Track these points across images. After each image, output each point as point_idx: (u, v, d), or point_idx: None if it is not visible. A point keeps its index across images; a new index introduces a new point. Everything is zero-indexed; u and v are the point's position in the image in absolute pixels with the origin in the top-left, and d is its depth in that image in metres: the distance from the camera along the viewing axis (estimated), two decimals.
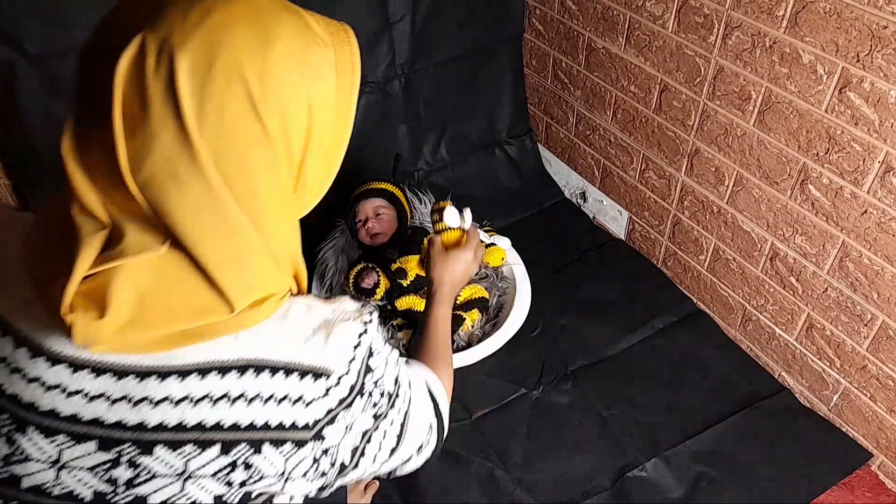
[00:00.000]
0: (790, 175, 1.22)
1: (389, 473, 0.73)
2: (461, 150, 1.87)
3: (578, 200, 1.87)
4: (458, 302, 1.44)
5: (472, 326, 1.43)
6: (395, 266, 1.42)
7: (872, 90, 1.04)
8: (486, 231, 1.54)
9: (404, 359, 0.72)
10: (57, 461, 0.54)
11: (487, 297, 1.46)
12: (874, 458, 1.27)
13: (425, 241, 1.11)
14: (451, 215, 1.08)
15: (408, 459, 0.72)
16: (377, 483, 1.21)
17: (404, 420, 0.67)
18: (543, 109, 1.89)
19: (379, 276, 1.40)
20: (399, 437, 0.67)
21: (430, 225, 1.60)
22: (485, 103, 1.85)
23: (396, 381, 0.66)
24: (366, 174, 1.57)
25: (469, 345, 1.36)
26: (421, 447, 0.73)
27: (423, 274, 1.40)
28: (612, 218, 1.76)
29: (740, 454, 1.26)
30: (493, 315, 1.46)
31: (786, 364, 1.40)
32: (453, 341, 1.38)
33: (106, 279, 0.49)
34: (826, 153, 1.14)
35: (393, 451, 0.67)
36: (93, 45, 0.50)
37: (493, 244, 1.50)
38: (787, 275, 1.31)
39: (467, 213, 1.08)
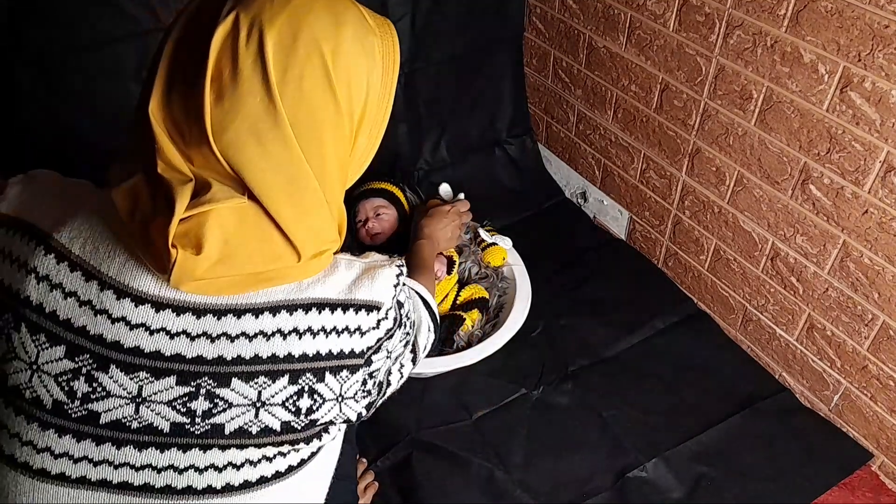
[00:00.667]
0: (791, 175, 1.22)
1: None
2: (461, 149, 1.87)
3: (579, 200, 1.87)
4: (458, 302, 1.43)
5: (472, 326, 1.42)
6: None
7: (874, 90, 1.04)
8: (487, 231, 1.53)
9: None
10: (137, 396, 0.59)
11: (487, 297, 1.45)
12: (875, 458, 1.27)
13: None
14: (443, 189, 1.51)
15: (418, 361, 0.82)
16: (377, 484, 1.21)
17: (415, 338, 0.78)
18: (544, 109, 1.88)
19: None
20: (413, 351, 0.77)
21: None
22: (485, 103, 1.85)
23: (413, 308, 0.76)
24: (366, 174, 1.56)
25: (469, 345, 1.36)
26: (425, 347, 0.83)
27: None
28: (613, 218, 1.76)
29: (741, 454, 1.26)
30: (494, 315, 1.46)
31: (786, 364, 1.40)
32: (453, 341, 1.38)
33: (198, 223, 0.55)
34: (827, 153, 1.14)
35: (413, 360, 0.78)
36: (186, 23, 0.57)
37: (494, 244, 1.50)
38: (787, 275, 1.31)
39: (448, 188, 1.51)
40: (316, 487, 0.70)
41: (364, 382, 0.65)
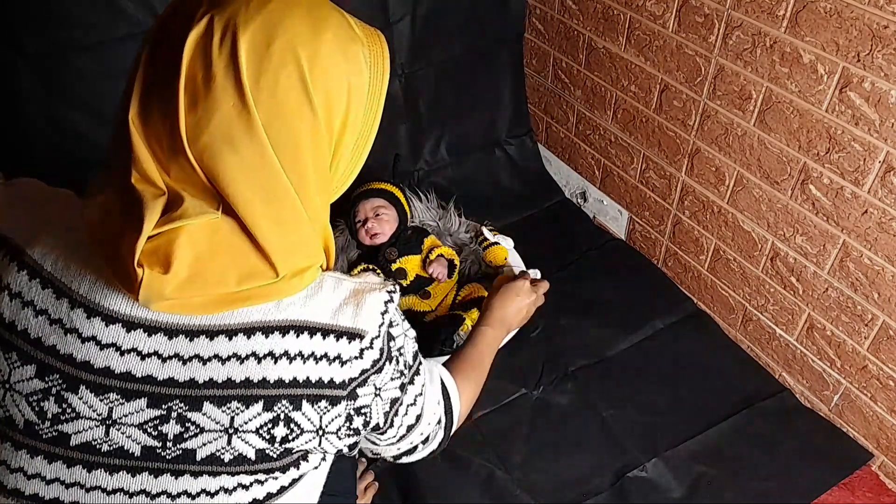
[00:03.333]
0: (791, 175, 1.22)
1: (395, 459, 0.78)
2: (461, 150, 1.87)
3: (579, 200, 1.87)
4: (457, 301, 1.44)
5: (472, 326, 1.42)
6: (395, 266, 1.42)
7: (873, 90, 1.04)
8: (489, 230, 1.53)
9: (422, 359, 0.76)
10: (107, 418, 0.57)
11: (487, 295, 1.45)
12: (875, 458, 1.27)
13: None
14: (486, 232, 1.40)
15: (414, 448, 0.76)
16: (377, 484, 1.21)
17: (423, 403, 0.72)
18: (544, 109, 1.88)
19: (378, 277, 1.39)
20: (418, 416, 0.72)
21: (429, 224, 1.60)
22: (485, 103, 1.85)
23: (416, 357, 0.70)
24: (365, 174, 1.56)
25: None
26: (428, 439, 0.77)
27: (423, 274, 1.40)
28: (613, 218, 1.76)
29: (741, 454, 1.26)
30: None
31: (786, 364, 1.40)
32: (453, 341, 1.37)
33: (168, 240, 0.53)
34: (827, 153, 1.14)
35: (410, 428, 0.72)
36: (162, 25, 0.56)
37: (496, 243, 1.50)
38: (787, 275, 1.31)
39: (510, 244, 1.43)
40: None
41: (349, 419, 0.62)
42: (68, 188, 0.66)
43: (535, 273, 1.28)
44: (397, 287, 0.66)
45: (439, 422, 0.78)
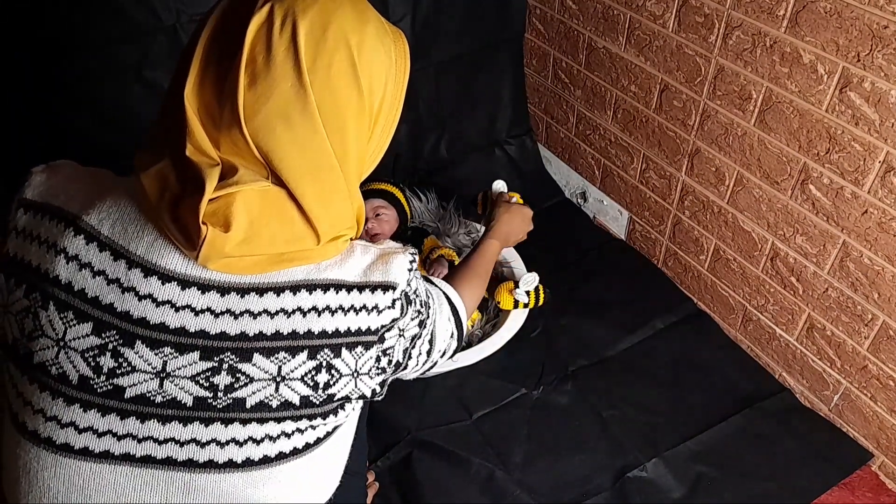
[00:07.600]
0: (791, 175, 1.22)
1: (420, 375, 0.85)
2: (461, 150, 1.87)
3: (579, 200, 1.87)
4: None
5: (472, 327, 1.42)
6: None
7: (873, 90, 1.04)
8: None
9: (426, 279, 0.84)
10: (161, 371, 0.61)
11: (486, 296, 1.45)
12: (875, 458, 1.27)
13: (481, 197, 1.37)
14: (498, 186, 1.38)
15: (434, 363, 0.83)
16: (377, 484, 1.21)
17: (433, 328, 0.79)
18: (544, 109, 1.88)
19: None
20: (431, 342, 0.79)
21: (429, 225, 1.60)
22: (485, 103, 1.85)
23: (427, 292, 0.77)
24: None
25: (469, 345, 1.36)
26: (444, 352, 0.84)
27: (423, 274, 1.40)
28: (613, 218, 1.76)
29: (741, 454, 1.26)
30: (493, 315, 1.46)
31: (786, 364, 1.40)
32: None
33: (226, 203, 0.58)
34: (827, 153, 1.14)
35: (428, 353, 0.79)
36: (222, 13, 0.61)
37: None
38: (787, 275, 1.31)
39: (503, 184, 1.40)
40: (330, 469, 0.73)
41: (378, 359, 0.67)
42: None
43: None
44: (415, 250, 0.72)
45: (452, 335, 0.85)
